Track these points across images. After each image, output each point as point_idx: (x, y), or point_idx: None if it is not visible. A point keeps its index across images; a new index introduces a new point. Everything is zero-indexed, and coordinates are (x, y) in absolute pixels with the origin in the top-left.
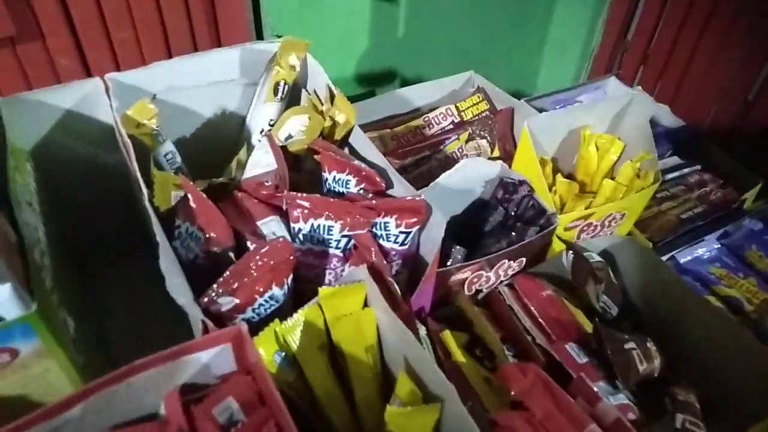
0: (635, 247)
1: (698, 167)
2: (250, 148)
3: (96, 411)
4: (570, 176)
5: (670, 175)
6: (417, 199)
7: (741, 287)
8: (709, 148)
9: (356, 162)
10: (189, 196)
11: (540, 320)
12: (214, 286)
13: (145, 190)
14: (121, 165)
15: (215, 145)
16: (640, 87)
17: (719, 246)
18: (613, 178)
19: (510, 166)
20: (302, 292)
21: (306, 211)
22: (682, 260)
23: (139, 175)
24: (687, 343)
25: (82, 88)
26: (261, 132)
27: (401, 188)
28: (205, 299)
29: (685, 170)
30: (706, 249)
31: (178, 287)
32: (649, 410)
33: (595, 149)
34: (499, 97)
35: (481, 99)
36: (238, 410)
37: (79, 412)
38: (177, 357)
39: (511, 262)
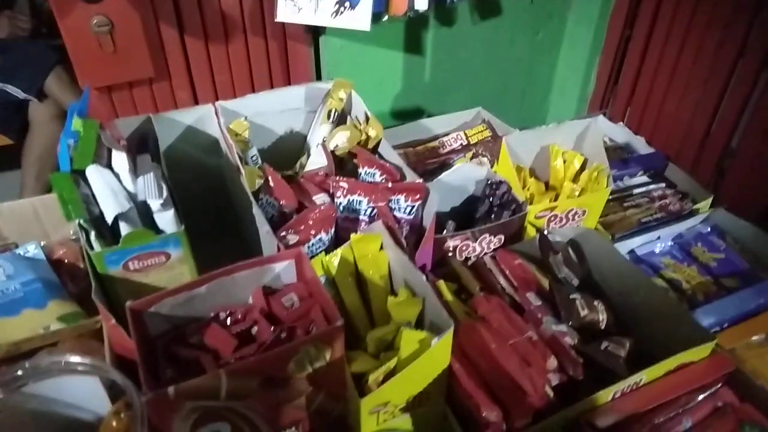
0: (595, 236)
1: (663, 185)
2: (310, 155)
3: (214, 291)
4: (546, 183)
5: (637, 190)
6: (419, 182)
7: (683, 273)
8: (675, 171)
9: (381, 161)
10: (269, 177)
11: (510, 277)
12: (285, 227)
13: (243, 171)
14: (218, 168)
15: (284, 153)
16: (602, 116)
17: (672, 244)
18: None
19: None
20: (340, 243)
21: (345, 190)
22: (639, 253)
23: (240, 164)
24: (631, 309)
25: (199, 111)
26: (317, 145)
27: (411, 179)
28: (281, 234)
29: (651, 186)
30: (661, 245)
31: (266, 229)
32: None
33: (562, 161)
34: (500, 127)
35: (485, 128)
36: (297, 301)
37: (205, 290)
38: (262, 264)
39: (492, 237)
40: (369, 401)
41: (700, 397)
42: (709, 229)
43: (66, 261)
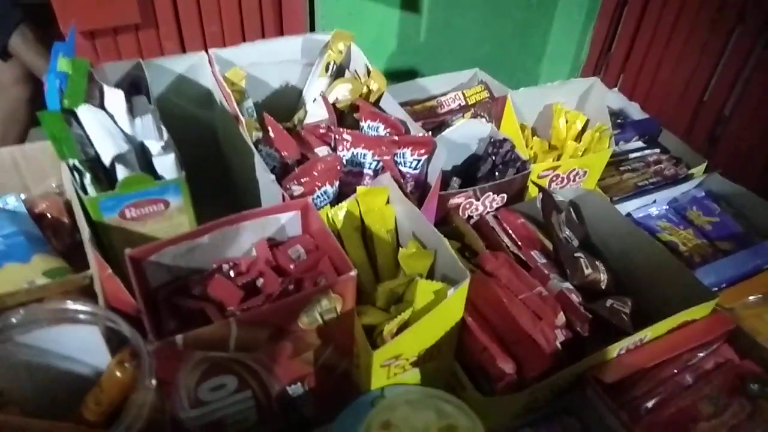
0: (596, 197)
1: (657, 150)
2: (306, 109)
3: (216, 242)
4: (548, 143)
5: (633, 155)
6: (427, 136)
7: (679, 236)
8: (669, 137)
9: (385, 114)
10: (270, 128)
11: (513, 236)
12: (290, 177)
13: (243, 120)
14: (208, 121)
15: (278, 107)
16: (599, 78)
17: (668, 207)
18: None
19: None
20: (342, 198)
21: (348, 143)
22: (636, 216)
23: (239, 112)
24: (631, 270)
25: (191, 59)
26: (314, 100)
27: (416, 133)
28: (285, 184)
29: (646, 152)
30: (657, 209)
31: (270, 178)
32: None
33: (564, 121)
34: (497, 88)
35: (483, 89)
36: (303, 253)
37: (207, 240)
38: (267, 214)
39: (495, 195)
40: (382, 353)
41: (702, 353)
42: (703, 194)
43: (49, 215)
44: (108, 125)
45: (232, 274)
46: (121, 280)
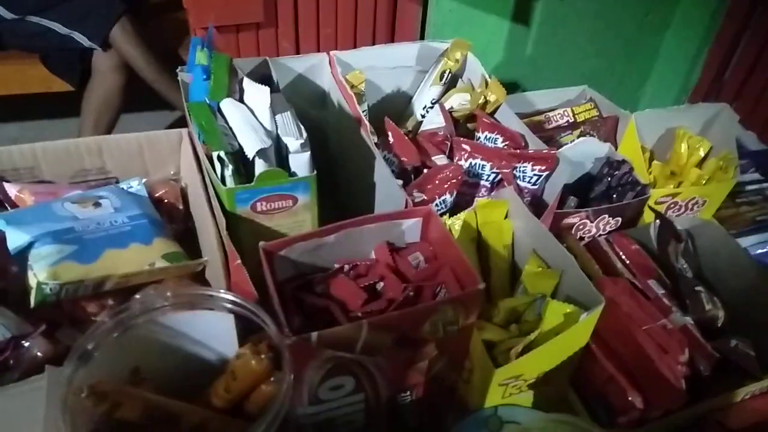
0: (714, 228)
1: None
2: (418, 116)
3: (341, 242)
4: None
5: (750, 187)
6: (550, 152)
7: None
8: None
9: (504, 126)
10: (390, 133)
11: (627, 263)
12: (414, 184)
13: (367, 123)
14: (319, 122)
15: (387, 111)
16: (728, 105)
17: None
18: None
19: None
20: (456, 208)
21: (467, 153)
22: (753, 252)
23: (363, 115)
24: (748, 310)
25: (311, 60)
26: (423, 108)
27: (536, 147)
28: (408, 191)
29: (765, 185)
30: None
31: (396, 183)
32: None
33: (686, 146)
34: (606, 107)
35: (592, 107)
36: (423, 260)
37: (333, 239)
38: (391, 219)
39: (610, 218)
40: (504, 372)
41: None
42: None
43: (166, 201)
44: (250, 120)
45: (351, 275)
46: None
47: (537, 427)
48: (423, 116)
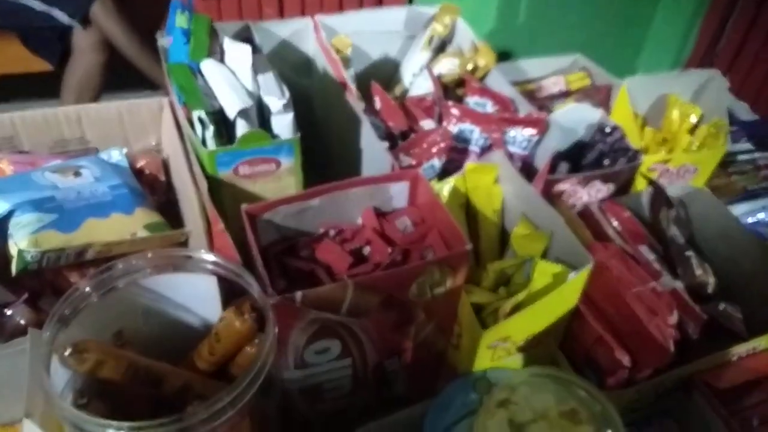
0: (706, 196)
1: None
2: (406, 81)
3: (324, 206)
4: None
5: (741, 157)
6: (539, 115)
7: None
8: None
9: (493, 91)
10: (377, 97)
11: (619, 229)
12: (400, 148)
13: (352, 88)
14: (304, 89)
15: (375, 77)
16: (718, 71)
17: None
18: None
19: None
20: (444, 173)
21: (456, 117)
22: (743, 221)
23: (349, 80)
24: (737, 277)
25: (294, 25)
26: (412, 74)
27: (526, 112)
28: (395, 155)
29: (756, 154)
30: (766, 215)
31: (382, 146)
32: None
33: (678, 113)
34: (599, 76)
35: (585, 75)
36: (410, 225)
37: (317, 203)
38: (377, 182)
39: (601, 185)
40: (492, 333)
41: None
42: None
43: (147, 172)
44: (231, 80)
45: (337, 239)
46: None
47: (520, 382)
48: (411, 83)
